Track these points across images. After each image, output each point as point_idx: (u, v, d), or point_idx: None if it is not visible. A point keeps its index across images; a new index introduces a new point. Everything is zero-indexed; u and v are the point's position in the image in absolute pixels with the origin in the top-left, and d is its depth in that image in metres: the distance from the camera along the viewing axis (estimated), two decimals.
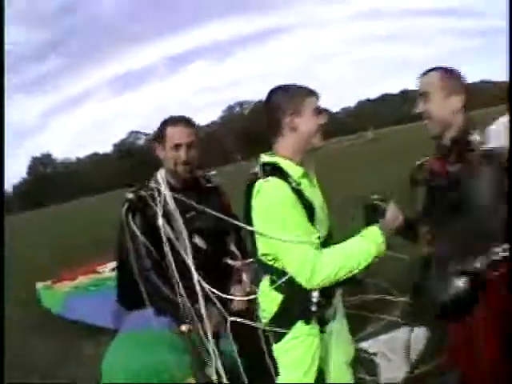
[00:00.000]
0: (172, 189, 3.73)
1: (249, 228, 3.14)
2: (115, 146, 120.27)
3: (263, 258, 3.15)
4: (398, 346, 5.17)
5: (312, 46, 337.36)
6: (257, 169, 3.17)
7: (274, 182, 2.99)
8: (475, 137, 2.89)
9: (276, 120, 3.12)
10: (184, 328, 3.81)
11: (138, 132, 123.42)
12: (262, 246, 3.12)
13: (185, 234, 3.65)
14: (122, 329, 5.97)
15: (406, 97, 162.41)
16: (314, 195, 3.18)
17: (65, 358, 6.57)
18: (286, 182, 2.99)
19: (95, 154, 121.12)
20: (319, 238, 3.03)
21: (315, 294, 3.03)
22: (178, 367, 4.47)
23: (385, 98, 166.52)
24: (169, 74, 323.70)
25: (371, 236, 2.98)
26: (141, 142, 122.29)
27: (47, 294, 8.69)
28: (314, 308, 3.10)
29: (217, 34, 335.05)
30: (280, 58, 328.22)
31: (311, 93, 3.16)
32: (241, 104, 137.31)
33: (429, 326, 5.16)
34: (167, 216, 3.67)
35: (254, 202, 3.04)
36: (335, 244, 3.07)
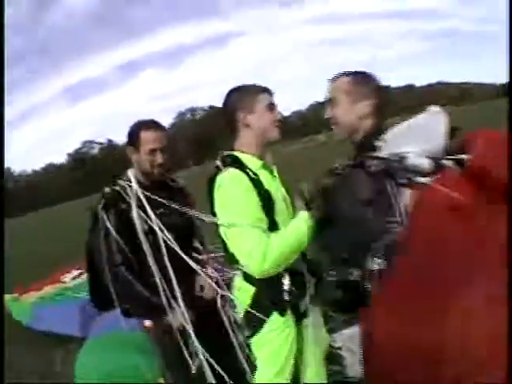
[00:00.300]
0: (142, 187, 3.81)
1: (207, 219, 3.33)
2: (69, 155, 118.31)
3: (230, 251, 3.18)
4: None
5: (265, 51, 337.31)
6: (218, 162, 3.26)
7: (232, 172, 3.11)
8: (381, 142, 2.77)
9: (231, 119, 3.25)
10: (148, 324, 4.02)
11: (91, 141, 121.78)
12: (225, 238, 3.18)
13: (157, 227, 3.72)
14: (91, 334, 6.08)
15: None
16: (274, 187, 3.26)
17: (35, 367, 6.62)
18: (243, 172, 3.10)
19: (50, 165, 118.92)
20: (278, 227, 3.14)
21: (286, 282, 3.14)
22: (148, 368, 4.60)
23: None
24: (121, 82, 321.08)
25: (303, 216, 3.08)
26: (95, 151, 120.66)
27: (15, 306, 8.71)
28: (286, 297, 3.18)
29: (168, 41, 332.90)
30: (231, 63, 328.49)
31: (263, 90, 3.27)
32: (192, 110, 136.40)
33: None
34: (139, 210, 3.76)
35: (215, 194, 3.14)
36: None
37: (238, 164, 3.18)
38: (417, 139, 2.60)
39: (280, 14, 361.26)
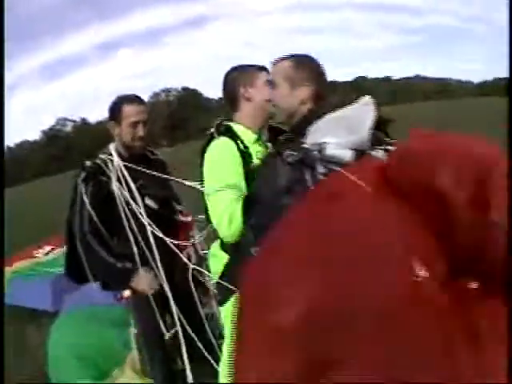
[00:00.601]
0: (123, 160, 3.97)
1: (187, 183, 3.44)
2: (43, 132, 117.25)
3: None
4: None
5: (243, 36, 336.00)
6: (212, 130, 3.38)
7: (222, 140, 3.26)
8: (309, 137, 2.74)
9: (232, 93, 3.41)
10: (127, 294, 4.05)
11: (65, 119, 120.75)
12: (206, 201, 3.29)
13: (138, 196, 3.92)
14: (64, 309, 6.08)
15: (335, 88, 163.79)
16: None
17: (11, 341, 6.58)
18: (234, 142, 3.23)
19: (25, 142, 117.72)
20: None
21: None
22: (121, 343, 4.64)
23: None
24: (98, 60, 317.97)
25: None
26: (68, 128, 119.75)
27: None
28: None
29: (146, 21, 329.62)
30: (206, 47, 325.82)
31: (262, 68, 3.42)
32: (166, 91, 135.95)
33: None
34: (120, 182, 3.91)
35: (204, 160, 3.29)
36: None
37: (231, 134, 3.29)
38: (341, 130, 2.60)
39: (260, 0, 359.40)
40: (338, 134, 2.57)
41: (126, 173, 3.93)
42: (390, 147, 2.56)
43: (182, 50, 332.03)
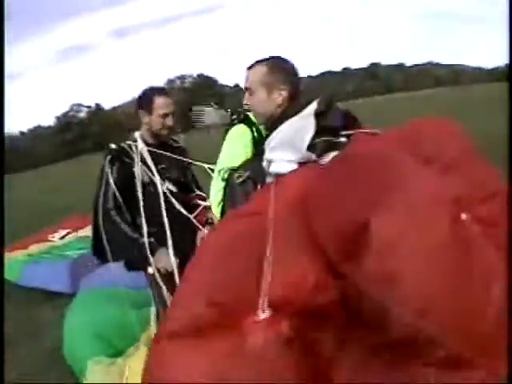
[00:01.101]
0: (147, 145, 4.26)
1: (200, 164, 3.62)
2: (57, 118, 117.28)
3: None
4: None
5: (260, 23, 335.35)
6: (234, 116, 3.52)
7: (240, 127, 3.33)
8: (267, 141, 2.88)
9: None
10: (151, 270, 4.12)
11: (79, 105, 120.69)
12: None
13: (158, 179, 4.17)
14: (82, 290, 6.12)
15: (348, 74, 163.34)
16: None
17: (27, 323, 6.73)
18: (250, 130, 3.30)
19: (38, 127, 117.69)
20: None
21: None
22: (138, 323, 4.68)
23: (325, 75, 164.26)
24: (113, 46, 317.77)
25: None
26: (82, 114, 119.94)
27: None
28: None
29: (159, 7, 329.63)
30: (224, 32, 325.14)
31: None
32: (181, 77, 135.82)
33: None
34: (143, 165, 4.18)
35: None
36: None
37: (248, 121, 3.33)
38: (285, 146, 2.68)
39: None
40: (282, 152, 2.66)
41: (148, 156, 4.20)
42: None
43: (198, 36, 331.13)
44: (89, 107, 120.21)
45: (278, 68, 3.00)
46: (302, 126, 2.70)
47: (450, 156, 1.85)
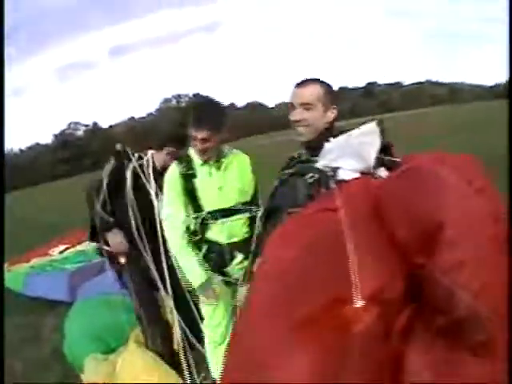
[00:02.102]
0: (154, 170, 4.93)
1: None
2: (55, 136, 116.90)
3: None
4: None
5: (253, 42, 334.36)
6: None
7: (172, 166, 4.19)
8: (324, 157, 3.02)
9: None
10: (123, 260, 4.88)
11: (76, 123, 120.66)
12: None
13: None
14: (79, 297, 6.80)
15: (344, 93, 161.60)
16: (212, 179, 4.15)
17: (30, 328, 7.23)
18: (178, 167, 4.12)
19: (37, 145, 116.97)
20: (199, 213, 4.12)
21: (202, 251, 4.21)
22: (128, 323, 5.21)
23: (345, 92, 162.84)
24: (110, 64, 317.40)
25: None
26: (79, 132, 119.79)
27: (6, 275, 9.08)
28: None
29: (159, 26, 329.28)
30: (220, 51, 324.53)
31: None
32: (177, 97, 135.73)
33: None
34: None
35: None
36: (240, 213, 4.22)
37: (185, 158, 4.20)
38: (349, 157, 2.87)
39: (269, 4, 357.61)
40: (347, 161, 2.86)
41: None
42: (391, 167, 2.81)
43: (195, 55, 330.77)
44: (86, 126, 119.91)
45: (331, 90, 3.25)
46: (367, 141, 2.92)
47: (479, 183, 2.16)
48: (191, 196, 4.13)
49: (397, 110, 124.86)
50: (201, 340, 4.65)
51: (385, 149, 2.96)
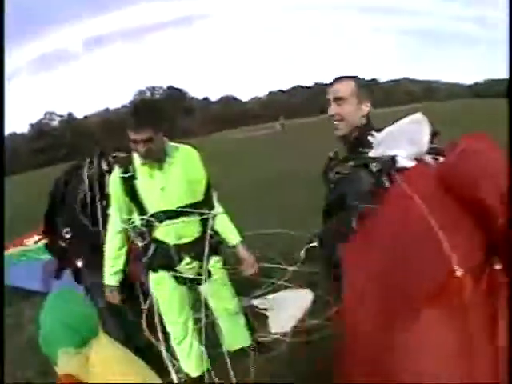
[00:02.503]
0: None
1: None
2: (31, 125, 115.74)
3: None
4: (283, 303, 6.16)
5: (228, 36, 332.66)
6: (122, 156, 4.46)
7: (114, 171, 4.20)
8: (373, 137, 3.12)
9: None
10: (80, 263, 5.18)
11: (52, 113, 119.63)
12: None
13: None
14: (54, 288, 6.49)
15: (319, 89, 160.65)
16: (154, 180, 4.09)
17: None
18: (119, 170, 4.09)
19: (13, 135, 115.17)
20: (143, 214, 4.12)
21: (149, 252, 4.26)
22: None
23: (296, 90, 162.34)
24: (86, 55, 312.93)
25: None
26: (55, 123, 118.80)
27: None
28: (146, 260, 4.30)
29: (133, 17, 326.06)
30: (193, 45, 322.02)
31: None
32: (152, 89, 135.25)
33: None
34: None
35: None
36: (188, 213, 4.17)
37: (128, 159, 4.16)
38: (405, 144, 2.95)
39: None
40: (403, 148, 2.94)
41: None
42: (437, 156, 2.91)
43: (170, 48, 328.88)
44: (61, 116, 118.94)
45: (363, 85, 3.41)
46: (419, 128, 2.98)
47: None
48: (134, 198, 4.10)
49: (372, 107, 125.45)
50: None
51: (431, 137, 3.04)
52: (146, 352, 3.89)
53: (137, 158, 4.06)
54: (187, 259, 4.26)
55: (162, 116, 4.04)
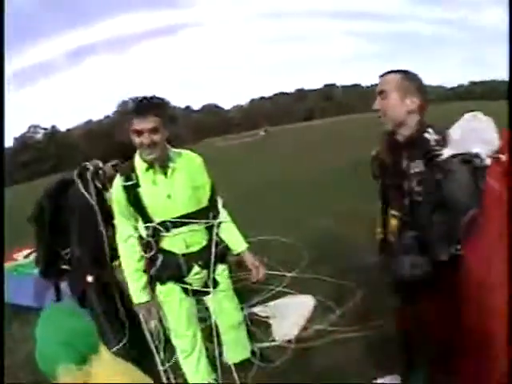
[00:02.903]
0: None
1: None
2: (16, 139, 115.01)
3: None
4: (285, 311, 6.04)
5: (210, 46, 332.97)
6: (123, 165, 4.20)
7: (116, 180, 4.02)
8: (432, 136, 3.13)
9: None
10: (90, 279, 4.85)
11: (36, 126, 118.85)
12: None
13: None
14: (48, 303, 6.46)
15: (304, 96, 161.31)
16: (159, 187, 3.93)
17: None
18: (120, 179, 3.95)
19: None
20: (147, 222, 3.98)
21: (157, 262, 4.09)
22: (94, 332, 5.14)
23: (279, 97, 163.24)
24: (69, 67, 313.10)
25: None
26: (39, 136, 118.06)
27: None
28: (155, 272, 4.12)
29: (118, 29, 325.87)
30: (178, 54, 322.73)
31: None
32: (135, 99, 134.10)
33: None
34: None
35: None
36: (194, 218, 4.05)
37: (130, 167, 3.99)
38: (478, 142, 2.96)
39: (229, 9, 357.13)
40: (480, 145, 2.94)
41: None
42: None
43: (153, 58, 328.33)
44: (45, 129, 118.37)
45: (411, 78, 3.28)
46: (486, 127, 3.03)
47: None
48: (138, 207, 3.94)
49: (354, 112, 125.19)
50: None
51: None
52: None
53: (139, 165, 3.93)
54: (196, 268, 4.15)
55: (165, 108, 3.94)
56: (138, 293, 4.08)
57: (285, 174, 19.84)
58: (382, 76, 3.36)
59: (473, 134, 2.99)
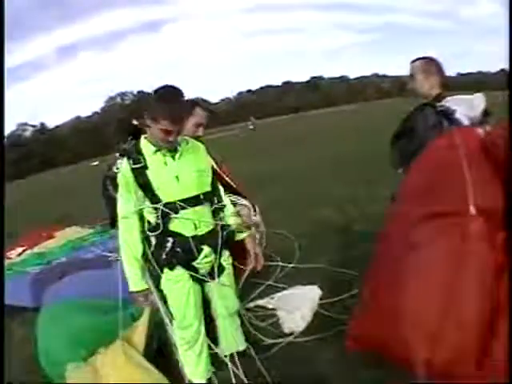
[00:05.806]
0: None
1: None
2: (6, 138, 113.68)
3: None
4: (292, 302, 5.91)
5: (197, 39, 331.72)
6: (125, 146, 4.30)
7: (123, 163, 3.97)
8: (445, 104, 4.03)
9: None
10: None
11: (25, 124, 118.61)
12: None
13: None
14: (50, 301, 6.22)
15: (291, 88, 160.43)
16: (168, 168, 3.96)
17: None
18: (128, 162, 3.91)
19: None
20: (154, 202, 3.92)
21: (168, 245, 4.04)
22: (109, 326, 4.76)
23: (266, 90, 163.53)
24: (56, 64, 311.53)
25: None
26: (28, 133, 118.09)
27: None
28: (165, 255, 4.05)
29: (103, 25, 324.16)
30: (164, 49, 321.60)
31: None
32: (122, 95, 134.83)
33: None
34: None
35: None
36: (201, 203, 4.08)
37: (137, 150, 3.99)
38: (465, 106, 3.96)
39: (215, 2, 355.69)
40: (463, 107, 3.94)
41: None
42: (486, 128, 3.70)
43: (139, 54, 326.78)
44: (34, 126, 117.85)
45: (433, 62, 4.33)
46: (476, 99, 4.04)
47: None
48: (147, 189, 3.92)
49: (341, 104, 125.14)
50: None
51: (485, 113, 3.97)
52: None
53: (146, 148, 3.98)
54: (206, 250, 4.14)
55: (185, 100, 4.09)
56: (137, 280, 4.01)
57: (273, 166, 19.79)
58: (411, 62, 4.37)
59: (462, 100, 4.05)
